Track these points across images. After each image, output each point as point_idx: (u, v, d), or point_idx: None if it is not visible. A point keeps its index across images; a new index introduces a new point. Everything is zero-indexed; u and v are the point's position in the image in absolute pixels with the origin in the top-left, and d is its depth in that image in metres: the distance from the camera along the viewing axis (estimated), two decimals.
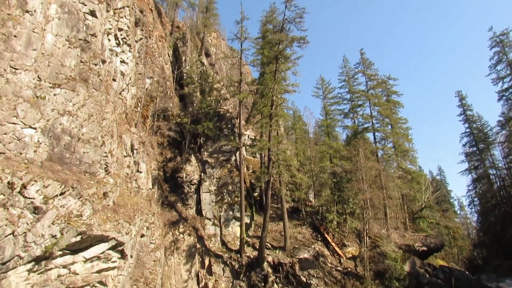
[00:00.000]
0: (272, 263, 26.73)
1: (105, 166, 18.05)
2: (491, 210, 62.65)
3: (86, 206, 15.08)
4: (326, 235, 31.72)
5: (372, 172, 34.29)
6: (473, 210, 72.78)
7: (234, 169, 31.10)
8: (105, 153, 18.22)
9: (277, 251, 28.04)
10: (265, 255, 26.71)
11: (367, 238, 30.90)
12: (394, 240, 33.59)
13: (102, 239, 15.46)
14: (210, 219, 28.46)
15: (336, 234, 32.46)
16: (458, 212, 77.13)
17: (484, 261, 59.14)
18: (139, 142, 24.45)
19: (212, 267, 25.60)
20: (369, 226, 32.70)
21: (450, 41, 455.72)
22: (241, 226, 27.47)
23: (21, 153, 14.55)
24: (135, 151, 23.58)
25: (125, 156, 21.92)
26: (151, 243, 20.63)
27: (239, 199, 28.45)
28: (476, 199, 69.48)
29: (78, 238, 14.21)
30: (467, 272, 37.75)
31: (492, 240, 59.48)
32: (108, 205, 17.12)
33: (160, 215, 24.28)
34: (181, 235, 26.00)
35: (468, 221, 76.76)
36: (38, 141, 15.35)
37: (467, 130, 66.95)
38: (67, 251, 14.10)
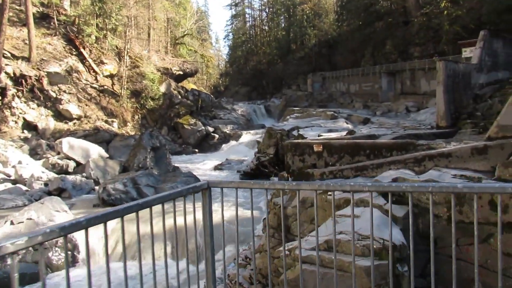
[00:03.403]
0: (13, 75, 22.83)
1: None
2: (240, 45, 71.68)
3: None
4: (82, 50, 28.80)
5: None
6: (226, 44, 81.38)
7: None
8: None
9: (19, 62, 23.83)
10: (3, 65, 22.32)
11: (128, 58, 30.07)
12: (154, 62, 34.13)
13: None
14: None
15: (94, 50, 29.90)
16: (214, 44, 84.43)
17: (226, 88, 69.89)
18: None
19: None
20: (131, 46, 31.55)
21: None
22: None
23: None
24: None
25: None
26: None
27: None
28: (230, 34, 77.21)
29: None
30: (211, 96, 43.56)
31: (236, 71, 69.85)
32: None
33: None
34: None
35: (220, 53, 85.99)
36: None
37: None
38: None
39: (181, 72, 38.62)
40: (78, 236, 8.92)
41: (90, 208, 13.48)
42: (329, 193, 4.96)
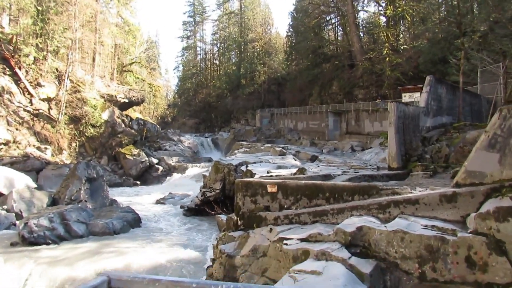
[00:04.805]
0: None
1: None
2: (189, 77, 71.44)
3: None
4: (17, 70, 26.66)
5: (87, 11, 30.24)
6: (176, 75, 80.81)
7: None
8: None
9: None
10: None
11: (68, 82, 28.28)
12: (98, 88, 32.46)
13: None
14: None
15: (31, 71, 27.85)
16: (163, 74, 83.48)
17: (173, 119, 68.58)
18: None
19: None
20: (73, 69, 29.82)
21: None
22: None
23: None
24: None
25: None
26: None
27: None
28: (181, 65, 76.93)
29: None
30: (158, 126, 42.15)
31: (184, 102, 69.11)
32: None
33: None
34: None
35: (169, 84, 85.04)
36: None
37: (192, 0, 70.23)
38: None
39: (126, 100, 37.12)
40: None
41: (7, 247, 11.68)
42: (285, 241, 4.36)
